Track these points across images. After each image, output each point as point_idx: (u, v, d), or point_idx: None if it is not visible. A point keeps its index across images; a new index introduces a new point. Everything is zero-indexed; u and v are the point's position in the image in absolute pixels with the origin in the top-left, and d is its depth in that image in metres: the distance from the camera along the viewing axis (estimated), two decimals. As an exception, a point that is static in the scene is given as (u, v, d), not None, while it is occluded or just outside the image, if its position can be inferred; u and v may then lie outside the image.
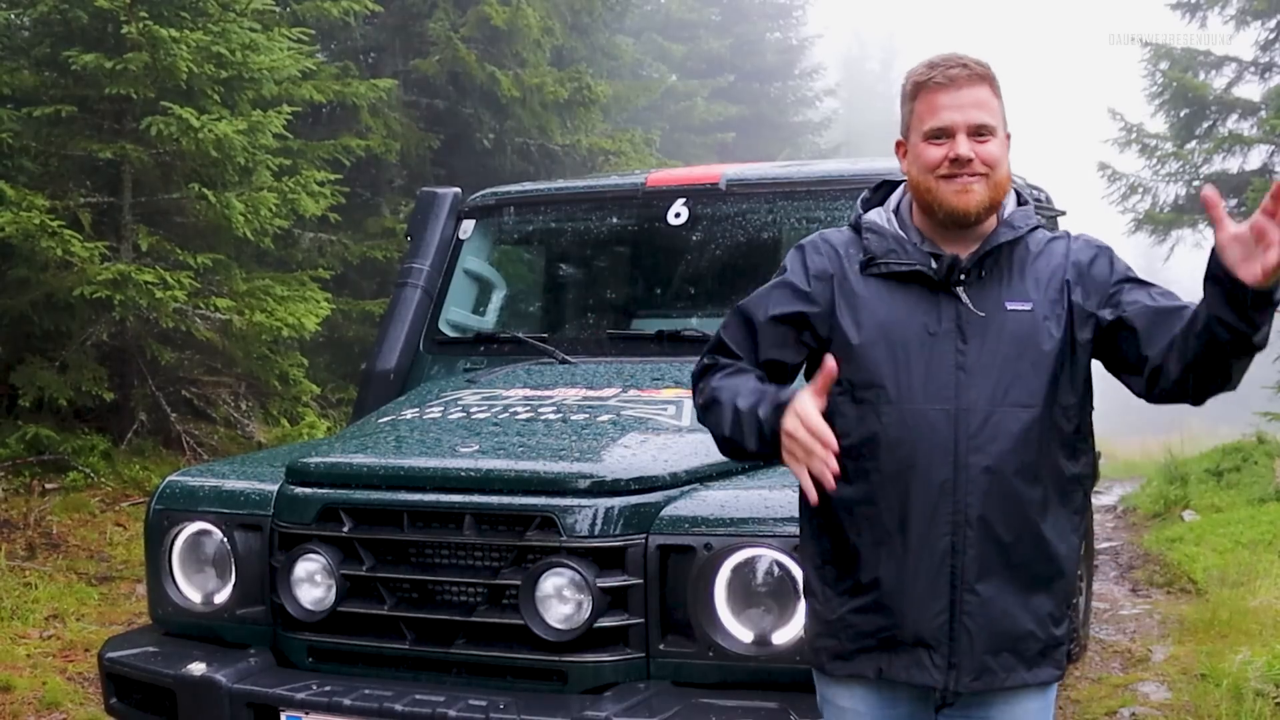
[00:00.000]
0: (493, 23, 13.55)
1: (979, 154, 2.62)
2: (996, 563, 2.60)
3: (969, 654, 2.61)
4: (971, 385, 2.60)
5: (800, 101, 31.08)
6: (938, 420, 2.60)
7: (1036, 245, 2.74)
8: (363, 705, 3.49)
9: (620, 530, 3.46)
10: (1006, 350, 2.61)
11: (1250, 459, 13.73)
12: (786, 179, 5.10)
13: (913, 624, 2.62)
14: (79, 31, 9.48)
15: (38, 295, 9.37)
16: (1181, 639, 7.04)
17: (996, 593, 2.60)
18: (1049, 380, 2.62)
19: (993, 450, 2.58)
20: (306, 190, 10.21)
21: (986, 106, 2.65)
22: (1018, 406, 2.59)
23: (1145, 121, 16.93)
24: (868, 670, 2.69)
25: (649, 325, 5.14)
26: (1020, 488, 2.60)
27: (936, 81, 2.65)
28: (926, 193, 2.68)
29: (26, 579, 7.84)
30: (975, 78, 2.66)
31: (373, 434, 4.17)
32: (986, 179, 2.64)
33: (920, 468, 2.60)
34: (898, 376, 2.63)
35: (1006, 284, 2.67)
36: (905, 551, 2.62)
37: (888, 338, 2.65)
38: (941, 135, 2.64)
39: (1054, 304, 2.65)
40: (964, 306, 2.64)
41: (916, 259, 2.68)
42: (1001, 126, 2.69)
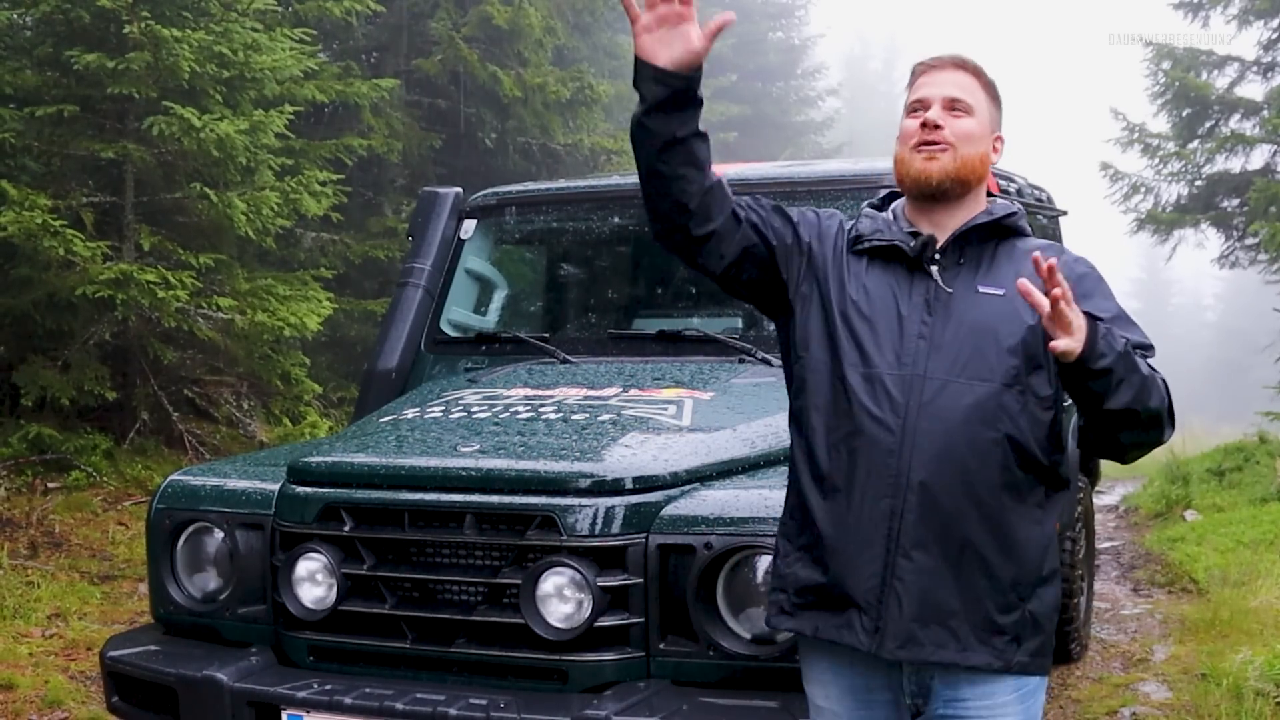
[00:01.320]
0: (495, 22, 13.56)
1: (950, 125, 2.73)
2: (936, 532, 2.61)
3: (896, 620, 2.62)
4: (932, 355, 2.66)
5: (802, 101, 31.06)
6: (894, 385, 2.66)
7: (1025, 246, 2.79)
8: (364, 704, 3.50)
9: (621, 530, 3.47)
10: (972, 327, 2.67)
11: (1252, 458, 13.71)
12: (788, 179, 5.10)
13: (847, 582, 2.66)
14: (81, 31, 9.49)
15: (40, 295, 9.38)
16: (1182, 639, 7.04)
17: (932, 562, 2.61)
18: (1014, 362, 2.64)
19: (943, 418, 2.62)
20: (308, 190, 10.23)
21: (965, 88, 2.78)
22: (975, 379, 2.63)
23: (1147, 121, 16.93)
24: (805, 628, 2.74)
25: (650, 325, 5.14)
26: (970, 462, 2.61)
27: (922, 66, 2.84)
28: (901, 165, 2.79)
29: (29, 578, 7.84)
30: (962, 66, 2.81)
31: (374, 433, 4.17)
32: (954, 150, 2.73)
33: (870, 430, 2.65)
34: (863, 344, 2.70)
35: (984, 270, 2.75)
36: (848, 509, 2.67)
37: (858, 307, 2.74)
38: (919, 107, 2.77)
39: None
40: (934, 283, 2.71)
41: (896, 236, 2.77)
42: (985, 116, 2.80)
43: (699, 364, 4.63)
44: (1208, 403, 39.49)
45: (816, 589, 2.70)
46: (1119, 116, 16.86)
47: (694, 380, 4.40)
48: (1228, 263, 17.11)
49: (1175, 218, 16.38)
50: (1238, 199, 16.07)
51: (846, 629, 2.66)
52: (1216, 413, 30.77)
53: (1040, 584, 2.71)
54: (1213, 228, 16.56)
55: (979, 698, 2.69)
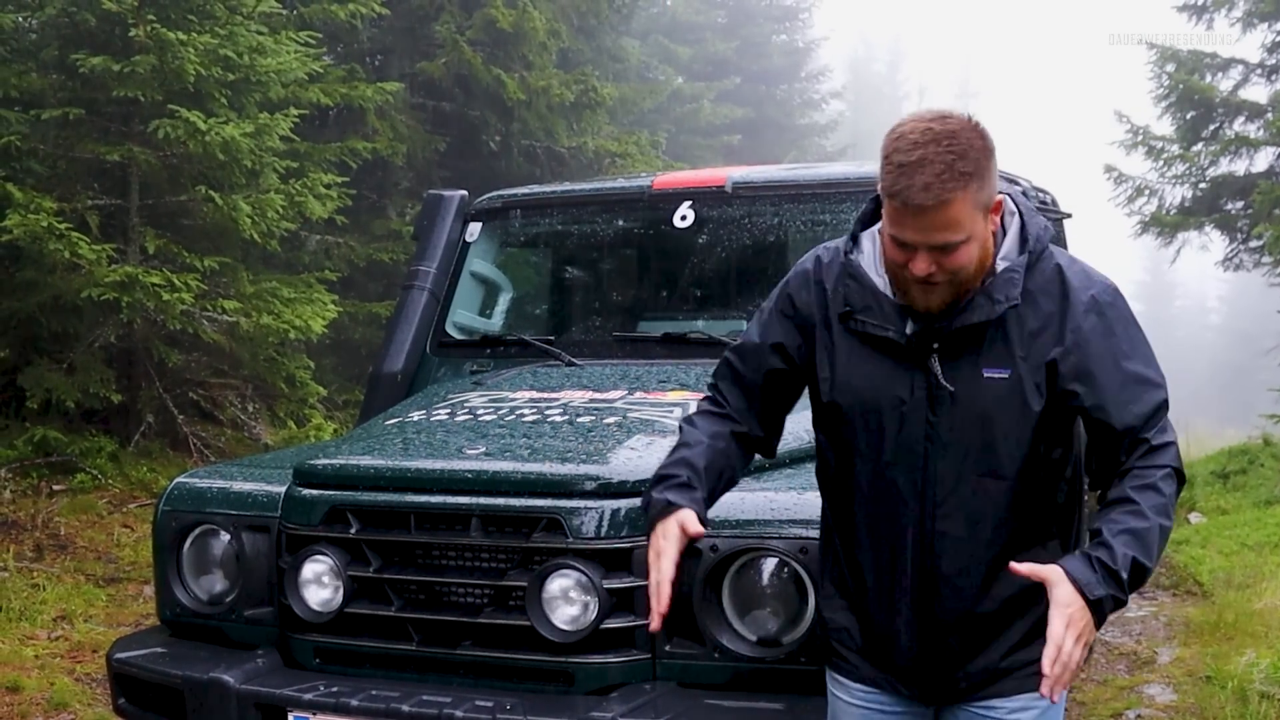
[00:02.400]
0: (499, 25, 13.57)
1: (941, 264, 2.48)
2: (966, 614, 2.63)
3: (938, 684, 2.69)
4: (939, 456, 2.59)
5: (806, 104, 31.07)
6: (905, 489, 2.62)
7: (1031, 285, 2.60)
8: (370, 706, 3.50)
9: (626, 532, 3.47)
10: (978, 420, 2.57)
11: (1256, 461, 13.71)
12: (792, 181, 5.10)
13: (886, 654, 2.71)
14: (87, 34, 9.53)
15: (45, 297, 9.40)
16: (1187, 641, 7.04)
17: (966, 639, 2.65)
18: (1024, 446, 2.58)
19: (959, 519, 2.60)
20: (313, 193, 10.24)
21: (952, 226, 2.44)
22: (986, 476, 2.58)
23: (1151, 124, 16.93)
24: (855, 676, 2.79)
25: (655, 328, 5.14)
26: (990, 551, 2.61)
27: (896, 205, 2.46)
28: (892, 273, 2.60)
29: (34, 580, 7.86)
30: (943, 203, 2.41)
31: (379, 436, 4.17)
32: (950, 283, 2.52)
33: (887, 528, 2.66)
34: (869, 439, 2.66)
35: (987, 348, 2.58)
36: (879, 595, 2.70)
37: (860, 400, 2.66)
38: (904, 246, 2.51)
39: (1035, 370, 2.56)
40: (934, 378, 2.59)
41: (891, 323, 2.62)
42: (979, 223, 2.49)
43: (704, 367, 4.61)
44: (1212, 405, 39.48)
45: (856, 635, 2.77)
46: (1123, 119, 16.86)
47: (699, 383, 4.38)
48: (1232, 265, 17.10)
49: (1179, 220, 16.37)
50: (1242, 201, 16.06)
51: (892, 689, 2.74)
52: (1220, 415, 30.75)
53: None
54: (1217, 230, 16.56)
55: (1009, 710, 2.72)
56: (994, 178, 2.51)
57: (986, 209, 2.51)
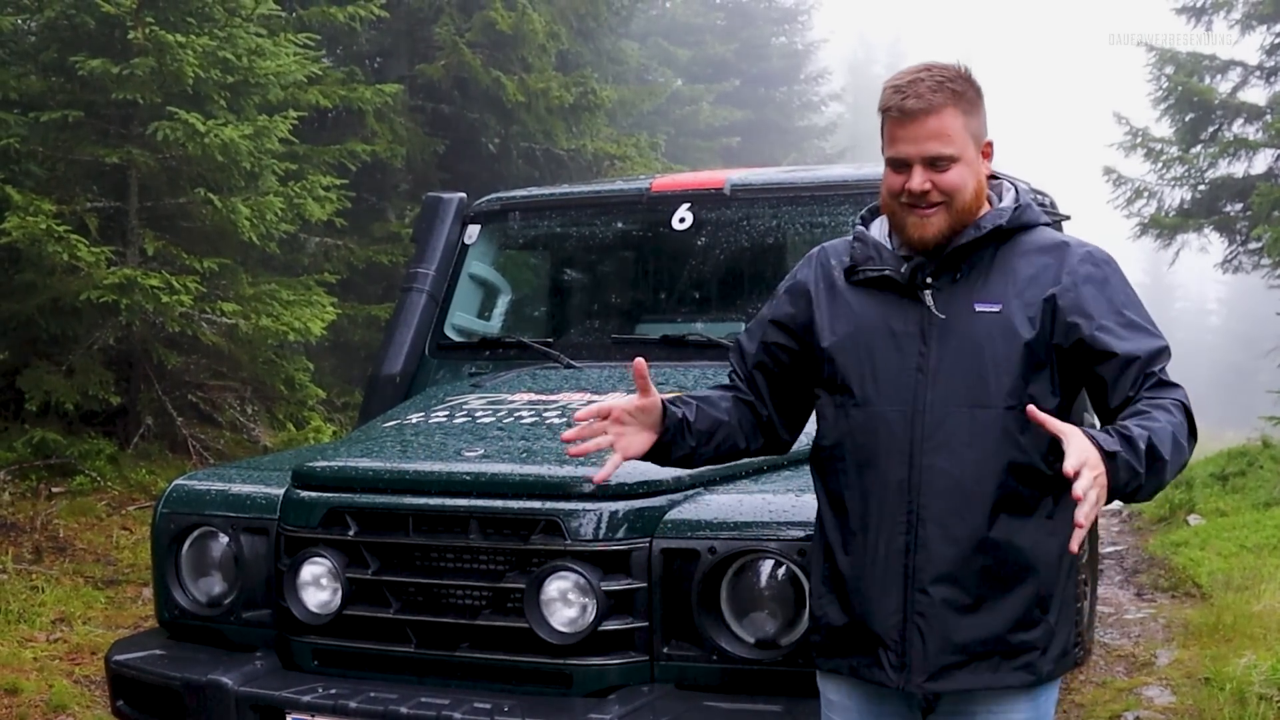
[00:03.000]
0: (498, 27, 13.57)
1: (936, 183, 2.63)
2: (952, 564, 2.61)
3: (920, 654, 2.64)
4: (930, 386, 2.64)
5: (805, 106, 31.11)
6: (895, 421, 2.66)
7: (1028, 244, 2.74)
8: (368, 708, 3.50)
9: (624, 534, 3.47)
10: (968, 351, 2.64)
11: (1255, 463, 13.71)
12: (791, 184, 5.11)
13: (871, 621, 2.68)
14: (86, 37, 9.52)
15: (44, 300, 9.39)
16: (1186, 643, 7.04)
17: (951, 594, 2.62)
18: (1013, 381, 2.62)
19: (948, 450, 2.62)
20: (312, 195, 10.24)
21: (944, 136, 2.62)
22: (975, 407, 2.61)
23: (1150, 125, 16.94)
24: (843, 668, 2.77)
25: (654, 330, 5.15)
26: (978, 489, 2.61)
27: (893, 115, 2.65)
28: (892, 215, 2.75)
29: (33, 582, 7.85)
30: (935, 107, 2.61)
31: (378, 438, 4.18)
32: (946, 207, 2.65)
33: (879, 467, 2.67)
34: (863, 379, 2.71)
35: (980, 284, 2.69)
36: (865, 549, 2.69)
37: (856, 341, 2.73)
38: (900, 166, 2.66)
39: (1029, 305, 2.65)
40: (927, 309, 2.68)
41: (888, 264, 2.73)
42: (969, 145, 2.67)
43: (703, 369, 4.63)
44: (1211, 407, 39.45)
45: (845, 630, 2.73)
46: (1122, 121, 16.87)
47: (698, 385, 4.38)
48: (1231, 267, 17.12)
49: (1178, 222, 16.38)
50: (1241, 203, 16.07)
51: (876, 668, 2.69)
52: (1220, 417, 30.79)
53: (1060, 592, 2.71)
54: (1216, 232, 16.57)
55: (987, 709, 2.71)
56: (983, 116, 2.72)
57: (978, 141, 2.70)
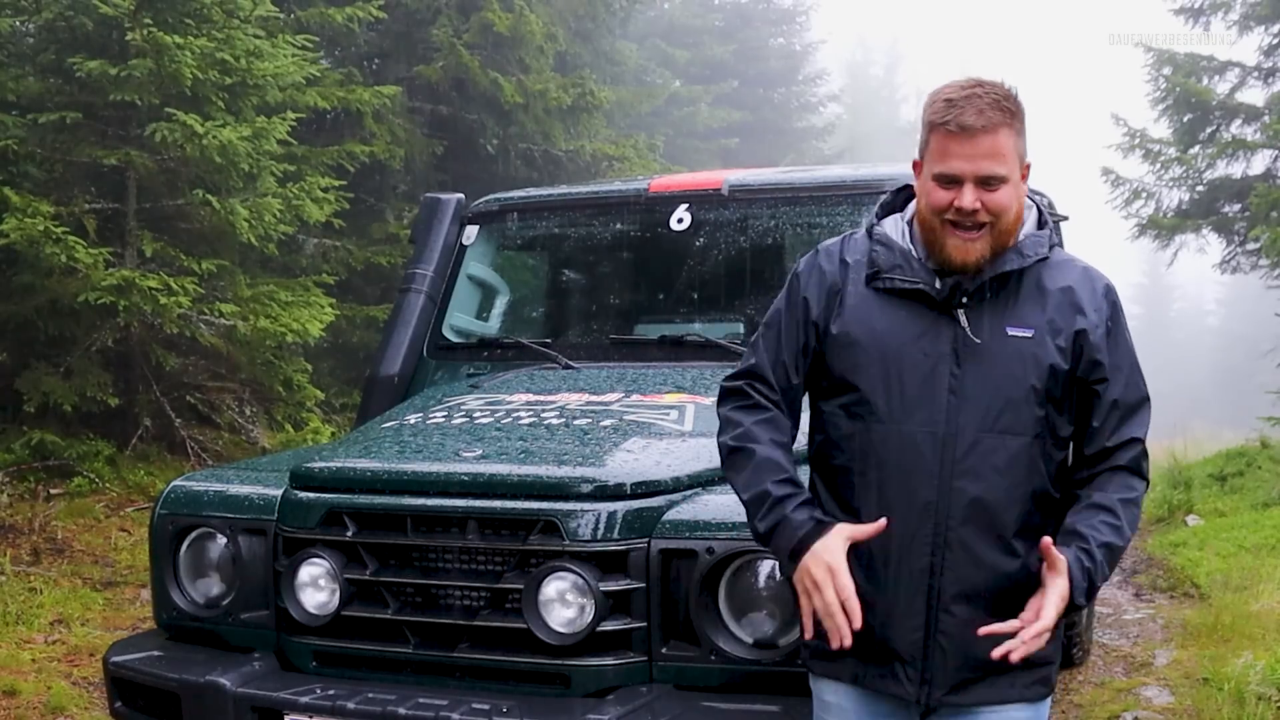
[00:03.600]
0: (496, 29, 13.58)
1: (986, 203, 2.59)
2: (975, 585, 2.62)
3: (942, 671, 2.64)
4: (962, 410, 2.61)
5: (804, 107, 31.07)
6: (925, 443, 2.62)
7: (1052, 265, 2.72)
8: (366, 709, 3.50)
9: (622, 534, 3.47)
10: (1001, 376, 2.61)
11: (1254, 464, 13.72)
12: (789, 184, 5.11)
13: (889, 637, 2.66)
14: (84, 38, 9.51)
15: (42, 301, 9.39)
16: (1184, 643, 7.04)
17: (974, 614, 2.61)
18: (1042, 408, 2.62)
19: (979, 476, 2.60)
20: (310, 196, 10.24)
21: (999, 156, 2.58)
22: (1006, 434, 2.60)
23: (1148, 126, 16.95)
24: (844, 675, 2.75)
25: (652, 330, 5.15)
26: (1005, 514, 2.61)
27: (949, 130, 2.58)
28: (930, 231, 2.67)
29: (31, 584, 7.85)
30: (991, 126, 2.56)
31: (376, 439, 4.18)
32: (991, 228, 2.61)
33: (906, 488, 2.63)
34: (889, 395, 2.65)
35: (1012, 307, 2.66)
36: (886, 566, 2.66)
37: (883, 353, 2.67)
38: (950, 182, 2.60)
39: (1057, 333, 2.64)
40: (962, 330, 2.63)
41: (921, 277, 2.68)
42: (1017, 166, 2.63)
43: (700, 369, 4.63)
44: (1209, 408, 39.50)
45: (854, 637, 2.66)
46: (1120, 122, 16.88)
47: (696, 385, 4.40)
48: (1229, 268, 17.13)
49: (1176, 223, 16.39)
50: (1239, 204, 16.08)
51: (892, 680, 2.68)
52: (1218, 418, 30.78)
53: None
54: (1214, 233, 16.57)
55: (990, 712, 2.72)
56: (1025, 138, 2.66)
57: (1022, 161, 2.65)
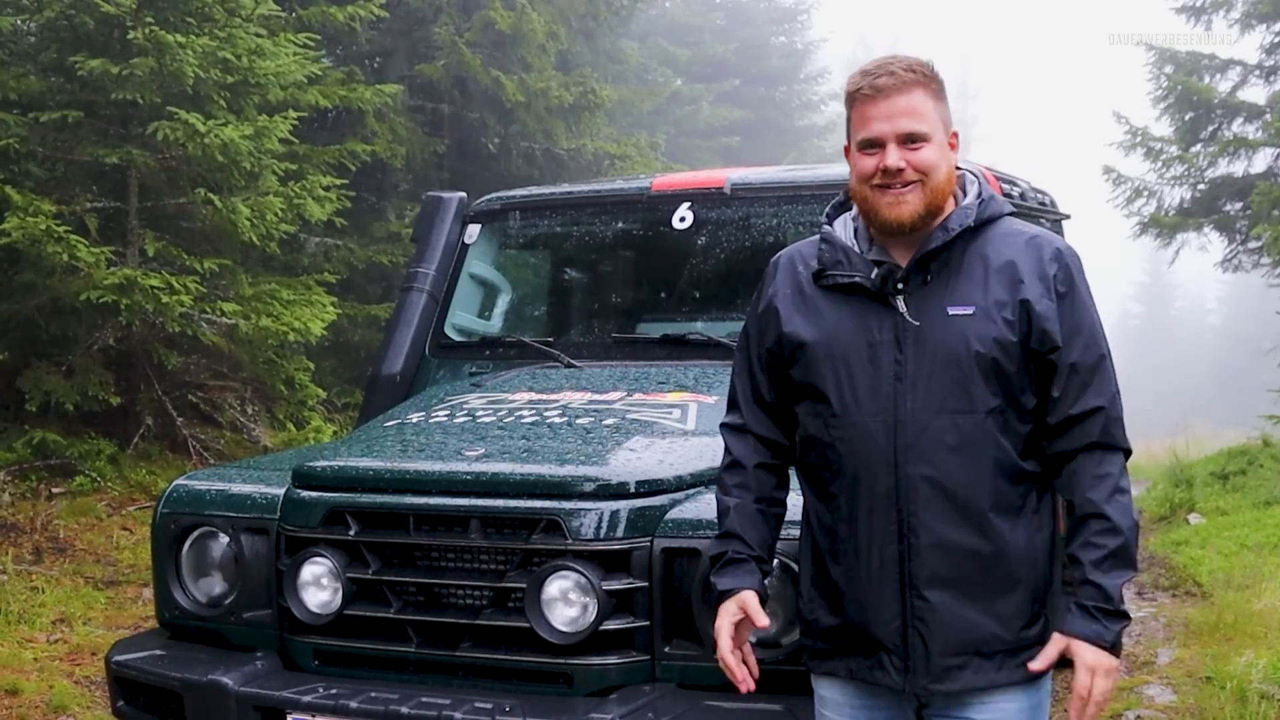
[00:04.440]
0: (498, 27, 13.58)
1: (911, 162, 2.64)
2: (945, 569, 2.62)
3: (923, 658, 2.65)
4: (908, 395, 2.63)
5: (805, 105, 31.07)
6: (878, 431, 2.65)
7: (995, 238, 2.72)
8: (369, 708, 3.50)
9: (625, 533, 3.47)
10: (944, 357, 2.63)
11: (1256, 462, 13.72)
12: (791, 183, 5.10)
13: (870, 626, 2.69)
14: (85, 37, 9.52)
15: (44, 300, 9.40)
16: (1186, 642, 7.04)
17: (948, 598, 2.63)
18: (990, 383, 2.62)
19: (932, 459, 2.61)
20: (312, 195, 10.24)
21: (916, 113, 2.64)
22: (955, 413, 2.61)
23: (1150, 125, 16.95)
24: (840, 670, 2.78)
25: (654, 329, 5.14)
26: (964, 494, 2.62)
27: (865, 92, 2.66)
28: (864, 202, 2.72)
29: (33, 583, 7.85)
30: (905, 84, 2.64)
31: (379, 438, 4.18)
32: (921, 185, 2.65)
33: (864, 478, 2.67)
34: (840, 389, 2.69)
35: (952, 287, 2.67)
36: (858, 560, 2.69)
37: (830, 350, 2.71)
38: (873, 145, 2.66)
39: (1001, 305, 2.64)
40: (900, 316, 2.66)
41: (858, 270, 2.71)
42: (939, 129, 2.68)
43: (703, 368, 4.63)
44: (1211, 406, 39.47)
45: (838, 631, 2.73)
46: (1121, 120, 16.87)
47: (698, 384, 4.40)
48: (1231, 266, 17.13)
49: (1178, 221, 16.39)
50: (1240, 203, 16.08)
51: (879, 670, 2.70)
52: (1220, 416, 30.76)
53: (1054, 586, 2.73)
54: (1215, 231, 16.57)
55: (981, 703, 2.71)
56: (947, 108, 2.74)
57: (946, 126, 2.71)
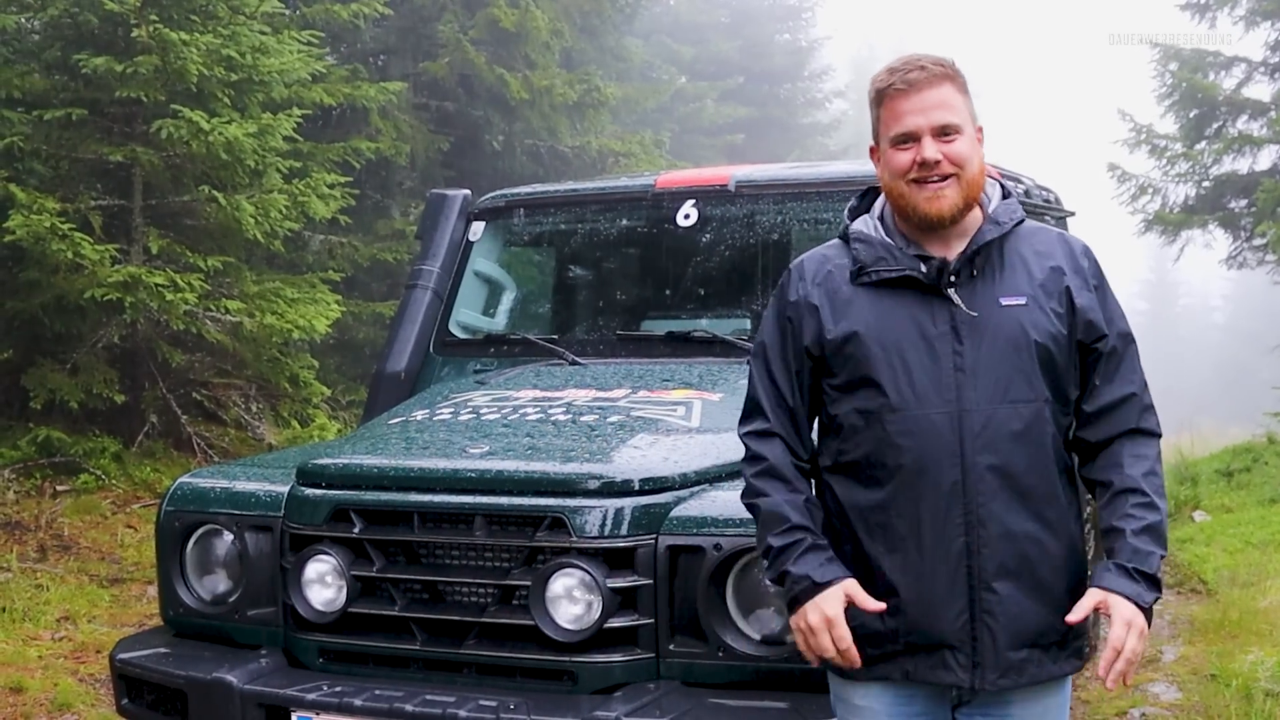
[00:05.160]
0: (502, 25, 13.57)
1: (946, 154, 2.65)
2: (1012, 559, 2.62)
3: (992, 652, 2.63)
4: (971, 385, 2.62)
5: (809, 103, 31.05)
6: (941, 423, 2.62)
7: (1027, 235, 2.76)
8: (373, 706, 3.50)
9: (630, 531, 3.46)
10: (1004, 347, 2.63)
11: (1261, 459, 13.69)
12: (795, 180, 5.10)
13: (934, 627, 2.65)
14: (89, 35, 9.53)
15: (48, 298, 9.40)
16: (1192, 639, 7.03)
17: (1015, 589, 2.62)
18: (1048, 372, 2.66)
19: (998, 448, 2.61)
20: (316, 193, 10.23)
21: (949, 105, 2.66)
22: (1018, 402, 2.62)
23: (1155, 122, 16.92)
24: (894, 674, 2.71)
25: (658, 326, 5.14)
26: (1029, 483, 2.63)
27: (897, 87, 2.67)
28: (900, 198, 2.71)
29: (38, 581, 7.86)
30: (935, 78, 2.66)
31: (383, 435, 4.17)
32: (957, 179, 2.66)
33: (929, 472, 2.63)
34: (897, 383, 2.66)
35: (999, 279, 2.69)
36: (921, 556, 2.64)
37: (884, 344, 2.67)
38: (908, 140, 2.67)
39: (1049, 296, 2.68)
40: (957, 308, 2.66)
41: (906, 264, 2.70)
42: (969, 122, 2.70)
43: (708, 365, 4.63)
44: (1216, 404, 39.44)
45: (897, 634, 2.68)
46: (1126, 117, 16.85)
47: (703, 381, 4.40)
48: (1235, 263, 17.10)
49: (1183, 218, 16.36)
50: (1245, 200, 16.04)
51: (943, 669, 2.67)
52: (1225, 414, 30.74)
53: (1087, 575, 2.74)
54: (1220, 228, 16.54)
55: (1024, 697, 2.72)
56: (972, 103, 2.74)
57: (973, 119, 2.73)
